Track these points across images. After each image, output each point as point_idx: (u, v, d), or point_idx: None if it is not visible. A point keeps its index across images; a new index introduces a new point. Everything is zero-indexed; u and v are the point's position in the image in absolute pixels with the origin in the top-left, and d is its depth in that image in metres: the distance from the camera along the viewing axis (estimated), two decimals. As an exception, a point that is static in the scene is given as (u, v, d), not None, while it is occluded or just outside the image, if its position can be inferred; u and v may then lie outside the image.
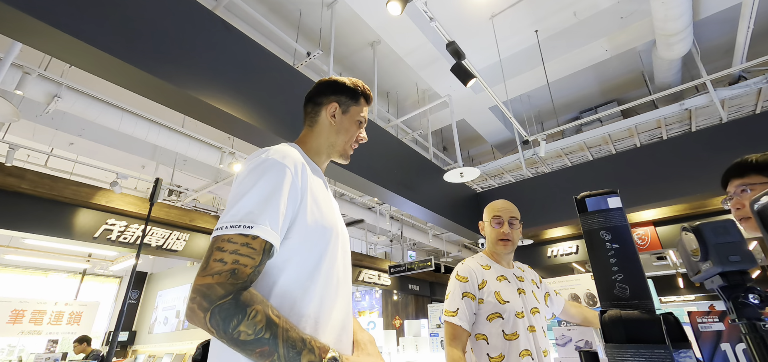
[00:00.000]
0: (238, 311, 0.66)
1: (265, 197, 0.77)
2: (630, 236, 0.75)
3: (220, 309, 0.66)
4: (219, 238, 0.73)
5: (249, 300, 0.68)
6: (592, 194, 0.82)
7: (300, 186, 0.84)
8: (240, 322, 0.66)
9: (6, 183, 4.49)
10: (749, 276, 0.65)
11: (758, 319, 0.62)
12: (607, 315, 0.70)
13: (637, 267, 0.73)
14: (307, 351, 0.70)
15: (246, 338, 0.66)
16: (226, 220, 0.74)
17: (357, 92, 1.06)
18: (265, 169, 0.81)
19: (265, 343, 0.67)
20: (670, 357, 0.61)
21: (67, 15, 1.88)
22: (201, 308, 0.66)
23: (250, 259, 0.72)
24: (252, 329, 0.66)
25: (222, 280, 0.68)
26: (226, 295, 0.67)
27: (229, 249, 0.71)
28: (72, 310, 7.00)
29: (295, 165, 0.85)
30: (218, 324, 0.65)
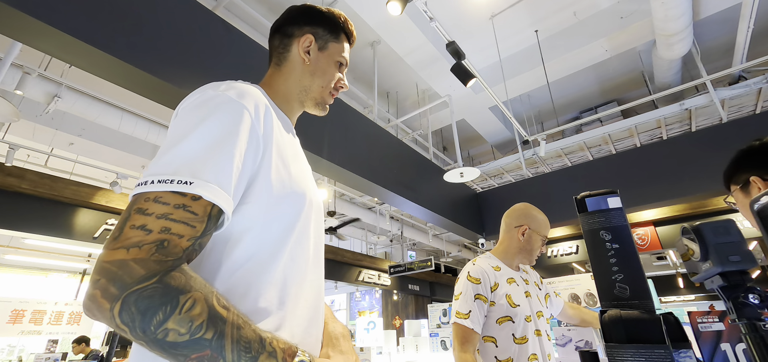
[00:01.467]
0: (166, 300, 0.46)
1: (213, 143, 0.56)
2: (630, 236, 0.75)
3: (137, 298, 0.45)
4: (141, 196, 0.51)
5: (183, 285, 0.48)
6: (592, 194, 0.82)
7: (262, 135, 0.63)
8: (168, 316, 0.45)
9: (6, 183, 4.49)
10: (749, 276, 0.65)
11: (758, 319, 0.62)
12: (607, 315, 0.70)
13: (637, 267, 0.73)
14: (266, 354, 0.51)
15: (176, 339, 0.45)
16: (155, 172, 0.52)
17: (338, 24, 0.85)
18: (214, 107, 0.60)
19: (204, 346, 0.47)
20: (670, 357, 0.61)
21: (67, 15, 1.88)
22: (107, 295, 0.44)
23: (187, 227, 0.51)
24: (186, 326, 0.46)
25: (142, 255, 0.46)
26: (148, 277, 0.46)
27: (155, 212, 0.50)
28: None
29: (257, 106, 0.64)
30: (133, 318, 0.44)
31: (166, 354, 0.47)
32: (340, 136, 3.43)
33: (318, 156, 3.04)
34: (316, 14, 0.84)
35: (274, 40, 0.85)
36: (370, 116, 5.11)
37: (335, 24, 0.85)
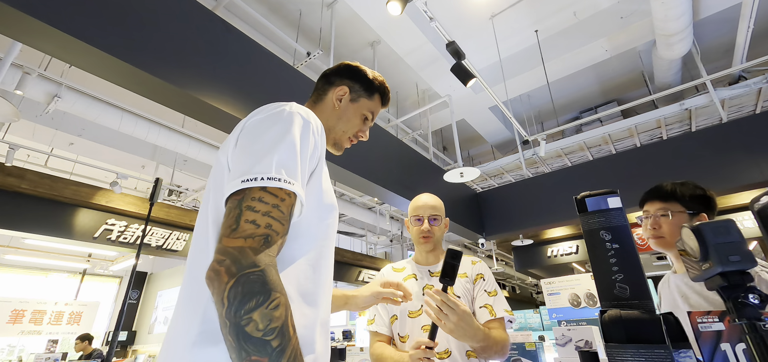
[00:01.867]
0: (263, 290, 0.54)
1: (296, 150, 0.67)
2: (630, 236, 0.75)
3: (246, 280, 0.53)
4: (250, 192, 0.61)
5: (276, 284, 0.56)
6: (592, 194, 0.82)
7: (320, 149, 0.76)
8: (258, 306, 0.52)
9: (6, 183, 4.49)
10: (749, 276, 0.65)
11: (758, 319, 0.62)
12: (607, 315, 0.70)
13: (637, 267, 0.73)
14: None
15: (252, 331, 0.52)
16: (260, 170, 0.62)
17: (373, 85, 0.98)
18: (291, 121, 0.71)
19: (267, 351, 0.51)
20: (670, 357, 0.61)
21: (67, 15, 1.88)
22: (228, 272, 0.54)
23: (280, 225, 0.61)
24: (265, 323, 0.52)
25: (255, 245, 0.57)
26: (257, 265, 0.55)
27: (261, 210, 0.60)
28: (72, 310, 7.01)
29: (318, 125, 0.77)
30: (236, 297, 0.53)
31: (236, 343, 0.52)
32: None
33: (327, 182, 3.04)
34: (358, 73, 0.99)
35: (319, 81, 1.00)
36: (370, 116, 5.11)
37: (371, 84, 0.98)
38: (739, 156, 3.98)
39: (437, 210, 1.46)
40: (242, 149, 0.70)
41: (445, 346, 1.24)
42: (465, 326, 1.05)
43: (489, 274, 1.39)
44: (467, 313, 1.06)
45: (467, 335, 1.07)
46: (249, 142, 0.70)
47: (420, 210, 1.45)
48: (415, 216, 1.45)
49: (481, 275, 1.39)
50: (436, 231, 1.44)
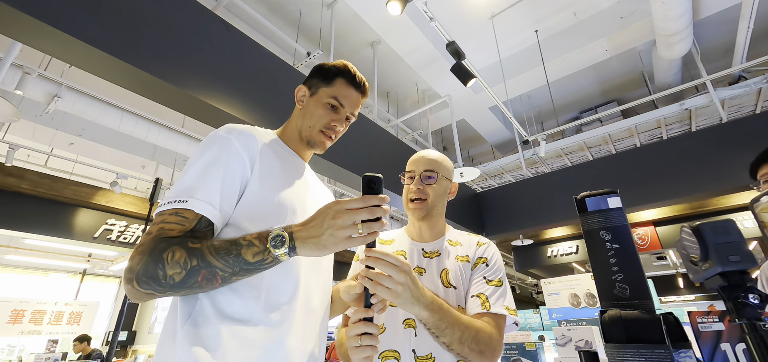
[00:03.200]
0: (156, 261, 0.64)
1: (204, 170, 0.75)
2: (630, 236, 0.75)
3: (142, 271, 0.64)
4: (155, 216, 0.73)
5: (164, 247, 0.66)
6: (592, 194, 0.82)
7: (247, 159, 0.80)
8: (165, 269, 0.64)
9: (6, 183, 4.49)
10: (749, 276, 0.65)
11: (758, 319, 0.62)
12: (607, 315, 0.70)
13: (637, 267, 0.73)
14: (245, 247, 0.67)
15: (181, 277, 0.64)
16: (167, 197, 0.74)
17: (330, 72, 0.96)
18: (208, 144, 0.79)
19: (198, 269, 0.65)
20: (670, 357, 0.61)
21: (67, 15, 1.88)
22: (128, 281, 0.65)
23: (177, 225, 0.70)
24: (178, 267, 0.64)
25: (143, 248, 0.67)
26: (143, 256, 0.65)
27: (157, 222, 0.70)
28: (72, 310, 7.00)
29: (241, 137, 0.81)
30: (149, 283, 0.64)
31: (185, 289, 0.66)
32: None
33: (318, 156, 3.04)
34: (315, 69, 0.99)
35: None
36: (370, 116, 5.11)
37: (327, 72, 0.97)
38: (739, 156, 3.98)
39: (435, 165, 1.11)
40: None
41: (428, 350, 0.94)
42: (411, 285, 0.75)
43: (496, 261, 1.05)
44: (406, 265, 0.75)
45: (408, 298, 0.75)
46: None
47: (412, 164, 1.14)
48: (408, 172, 1.14)
49: (484, 260, 1.04)
50: (431, 193, 1.09)
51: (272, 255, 0.67)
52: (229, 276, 0.67)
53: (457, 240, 1.12)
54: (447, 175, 1.13)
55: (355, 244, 0.70)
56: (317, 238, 0.67)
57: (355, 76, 0.98)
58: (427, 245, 1.11)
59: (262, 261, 0.67)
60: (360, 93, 1.00)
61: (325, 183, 6.19)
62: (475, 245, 1.08)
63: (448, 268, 1.05)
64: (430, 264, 1.07)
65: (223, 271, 0.66)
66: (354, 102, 0.98)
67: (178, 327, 0.71)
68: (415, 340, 0.96)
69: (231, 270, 0.66)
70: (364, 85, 1.00)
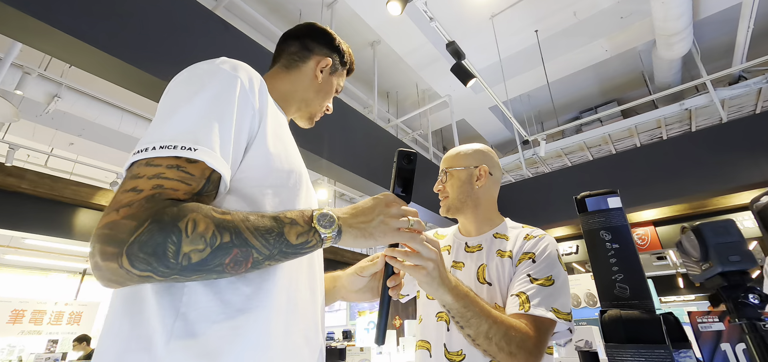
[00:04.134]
0: (168, 233, 0.45)
1: (211, 111, 0.56)
2: (630, 236, 0.75)
3: (138, 246, 0.44)
4: (136, 163, 0.51)
5: (176, 214, 0.47)
6: (592, 194, 0.82)
7: (257, 106, 0.63)
8: (179, 244, 0.46)
9: (6, 183, 4.49)
10: (749, 276, 0.65)
11: (758, 319, 0.62)
12: (607, 315, 0.70)
13: (637, 267, 0.73)
14: (288, 225, 0.54)
15: (201, 257, 0.47)
16: (154, 139, 0.52)
17: (346, 58, 0.94)
18: (209, 77, 0.60)
19: (229, 248, 0.48)
20: (670, 357, 0.61)
21: (67, 15, 1.88)
22: (107, 256, 0.44)
23: (182, 183, 0.50)
24: (201, 242, 0.47)
25: (132, 212, 0.46)
26: (140, 225, 0.45)
27: (147, 174, 0.49)
28: (72, 310, 7.01)
29: (251, 79, 0.64)
30: (149, 263, 0.45)
31: (202, 274, 0.48)
32: (340, 136, 3.43)
33: (318, 156, 3.04)
34: (334, 42, 0.91)
35: (291, 45, 0.88)
36: (370, 116, 5.11)
37: (344, 56, 0.92)
38: (739, 156, 3.98)
39: (447, 162, 1.12)
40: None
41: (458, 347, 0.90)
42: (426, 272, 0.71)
43: (547, 256, 0.92)
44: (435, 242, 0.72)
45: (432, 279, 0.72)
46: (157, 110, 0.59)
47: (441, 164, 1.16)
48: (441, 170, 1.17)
49: (531, 255, 0.93)
50: (449, 189, 1.09)
51: (318, 237, 0.56)
52: (262, 260, 0.52)
53: (505, 234, 1.04)
54: (462, 164, 1.09)
55: (403, 239, 0.67)
56: (366, 225, 0.62)
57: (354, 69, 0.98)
58: (471, 239, 1.07)
59: (305, 244, 0.55)
60: None
61: (325, 184, 6.19)
62: (522, 239, 0.98)
63: (486, 264, 0.99)
64: (470, 258, 1.03)
65: (260, 254, 0.51)
66: None
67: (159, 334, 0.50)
68: (446, 335, 0.93)
69: (269, 252, 0.52)
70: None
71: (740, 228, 0.67)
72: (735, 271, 0.64)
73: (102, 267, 0.45)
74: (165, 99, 0.60)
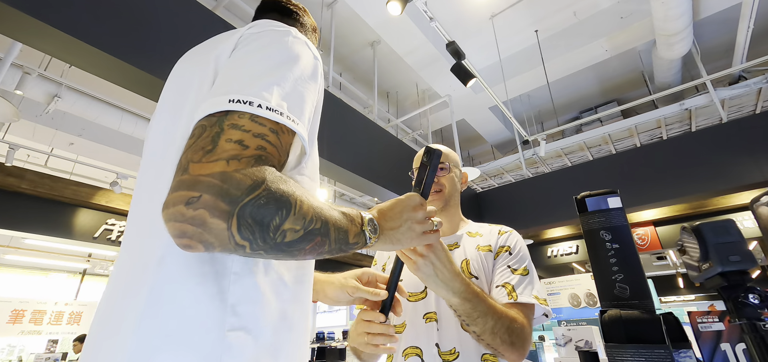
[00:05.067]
0: (281, 204, 0.43)
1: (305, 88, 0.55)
2: (630, 236, 0.75)
3: (253, 209, 0.41)
4: (235, 114, 0.46)
5: (291, 188, 0.46)
6: (592, 194, 0.82)
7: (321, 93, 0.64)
8: (284, 219, 0.44)
9: (6, 183, 4.49)
10: (749, 276, 0.65)
11: (758, 319, 0.62)
12: (607, 315, 0.70)
13: (637, 267, 0.73)
14: (350, 224, 0.54)
15: (293, 237, 0.45)
16: (254, 93, 0.48)
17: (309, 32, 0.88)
18: (301, 48, 0.58)
19: (316, 234, 0.48)
20: (670, 357, 0.61)
21: (67, 15, 1.88)
22: (216, 212, 0.39)
23: (277, 151, 0.48)
24: (300, 223, 0.45)
25: (243, 167, 0.42)
26: (257, 186, 0.42)
27: (252, 130, 0.46)
28: (72, 310, 7.01)
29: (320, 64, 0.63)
30: (253, 231, 0.42)
31: (282, 254, 0.46)
32: (340, 136, 3.43)
33: (318, 156, 3.04)
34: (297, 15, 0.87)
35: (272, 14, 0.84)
36: (370, 116, 5.11)
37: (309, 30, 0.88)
38: (739, 156, 3.98)
39: (446, 158, 1.10)
40: (235, 63, 0.55)
41: (451, 344, 0.89)
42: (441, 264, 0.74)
43: (521, 249, 1.00)
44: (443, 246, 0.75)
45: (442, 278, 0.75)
46: (245, 56, 0.55)
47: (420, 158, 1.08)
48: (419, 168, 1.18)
49: (507, 248, 0.99)
50: (447, 183, 1.08)
51: (364, 240, 0.55)
52: (326, 252, 0.51)
53: (476, 232, 1.08)
54: (457, 165, 1.14)
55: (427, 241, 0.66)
56: (395, 230, 0.59)
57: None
58: (445, 239, 1.07)
59: (355, 245, 0.55)
60: None
61: (325, 184, 6.19)
62: (496, 234, 1.04)
63: (469, 259, 1.00)
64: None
65: (330, 246, 0.51)
66: None
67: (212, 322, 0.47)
68: (437, 334, 0.92)
69: (336, 246, 0.52)
70: None
71: (740, 228, 0.67)
72: (735, 271, 0.64)
73: (209, 224, 0.39)
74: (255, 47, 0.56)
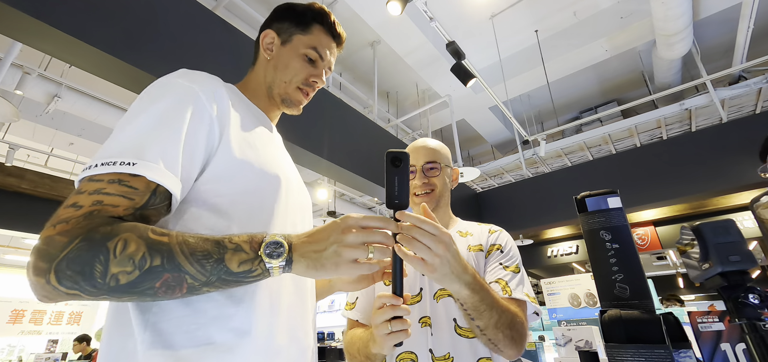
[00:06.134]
0: (95, 252, 0.45)
1: (159, 123, 0.55)
2: (630, 236, 0.75)
3: (68, 262, 0.44)
4: (81, 180, 0.51)
5: (109, 233, 0.46)
6: (592, 194, 0.82)
7: (216, 115, 0.61)
8: (106, 264, 0.45)
9: (6, 183, 4.49)
10: (749, 276, 0.65)
11: (758, 319, 0.62)
12: (607, 315, 0.70)
13: (637, 267, 0.73)
14: (231, 252, 0.50)
15: (129, 279, 0.45)
16: (100, 156, 0.52)
17: (306, 16, 0.81)
18: (162, 90, 0.59)
19: (160, 272, 0.46)
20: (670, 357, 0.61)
21: (67, 15, 1.88)
22: (38, 271, 0.45)
23: (123, 199, 0.50)
24: (129, 264, 0.45)
25: (68, 228, 0.46)
26: (71, 241, 0.45)
27: (88, 190, 0.49)
28: (72, 310, 7.01)
29: (207, 88, 0.62)
30: (75, 281, 0.44)
31: (132, 296, 0.47)
32: (340, 136, 3.43)
33: (318, 156, 3.04)
34: (284, 9, 0.83)
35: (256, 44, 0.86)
36: (370, 116, 5.11)
37: (303, 15, 0.81)
38: (739, 156, 3.98)
39: (436, 155, 1.06)
40: None
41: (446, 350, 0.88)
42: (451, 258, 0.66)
43: (511, 248, 1.00)
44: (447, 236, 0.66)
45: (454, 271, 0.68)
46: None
47: (412, 156, 1.05)
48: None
49: (498, 246, 0.99)
50: (438, 183, 1.04)
51: (263, 267, 0.51)
52: (199, 286, 0.49)
53: (467, 231, 1.06)
54: (448, 163, 1.09)
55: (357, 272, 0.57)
56: (319, 254, 0.54)
57: (335, 25, 0.84)
58: None
59: (248, 273, 0.51)
60: (337, 44, 0.85)
61: (325, 184, 6.19)
62: (486, 233, 1.03)
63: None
64: None
65: (195, 280, 0.48)
66: (333, 53, 0.84)
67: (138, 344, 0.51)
68: (431, 340, 0.89)
69: (205, 278, 0.49)
70: (341, 36, 0.86)
71: (740, 228, 0.67)
72: (735, 271, 0.64)
73: (32, 281, 0.46)
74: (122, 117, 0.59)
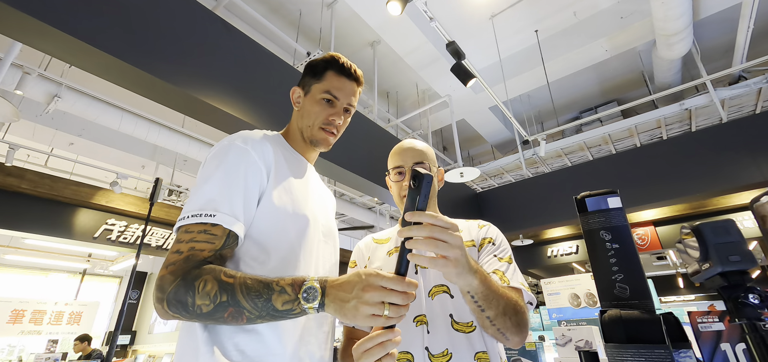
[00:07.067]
0: (188, 288, 0.65)
1: (225, 180, 0.75)
2: (630, 236, 0.75)
3: (173, 295, 0.65)
4: (179, 229, 0.73)
5: (198, 274, 0.66)
6: (592, 194, 0.82)
7: (264, 170, 0.81)
8: (194, 298, 0.64)
9: (6, 183, 4.49)
10: (749, 276, 0.65)
11: (758, 319, 0.62)
12: (607, 315, 0.70)
13: (637, 267, 0.73)
14: (277, 293, 0.65)
15: (208, 309, 0.64)
16: (188, 210, 0.73)
17: (319, 67, 0.96)
18: (225, 153, 0.79)
19: (226, 306, 0.64)
20: (670, 357, 0.61)
21: (67, 15, 1.88)
22: (158, 300, 0.66)
23: (208, 244, 0.70)
24: (207, 299, 0.64)
25: (175, 269, 0.67)
26: (175, 280, 0.66)
27: (185, 239, 0.70)
28: (72, 310, 7.00)
29: (257, 146, 0.82)
30: (178, 308, 0.65)
31: (212, 320, 0.66)
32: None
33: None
34: (306, 67, 1.00)
35: None
36: (370, 116, 5.11)
37: (315, 67, 0.97)
38: (739, 156, 3.98)
39: (424, 157, 1.08)
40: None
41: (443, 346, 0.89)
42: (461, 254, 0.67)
43: (502, 240, 1.02)
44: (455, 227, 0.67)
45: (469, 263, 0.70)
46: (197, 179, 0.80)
47: (401, 157, 1.08)
48: (396, 167, 1.09)
49: (490, 239, 1.01)
50: None
51: (301, 307, 0.65)
52: (255, 318, 0.66)
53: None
54: (434, 163, 1.12)
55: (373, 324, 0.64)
56: (344, 303, 0.64)
57: (344, 65, 0.95)
58: None
59: (290, 311, 0.65)
60: (353, 81, 0.97)
61: (325, 183, 6.18)
62: (476, 228, 1.06)
63: None
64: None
65: (251, 313, 0.65)
66: (349, 92, 0.96)
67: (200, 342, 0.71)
68: (428, 337, 0.90)
69: (258, 313, 0.65)
70: (355, 73, 0.97)
71: (740, 228, 0.67)
72: (735, 271, 0.64)
73: (156, 306, 0.67)
74: (199, 173, 0.80)
